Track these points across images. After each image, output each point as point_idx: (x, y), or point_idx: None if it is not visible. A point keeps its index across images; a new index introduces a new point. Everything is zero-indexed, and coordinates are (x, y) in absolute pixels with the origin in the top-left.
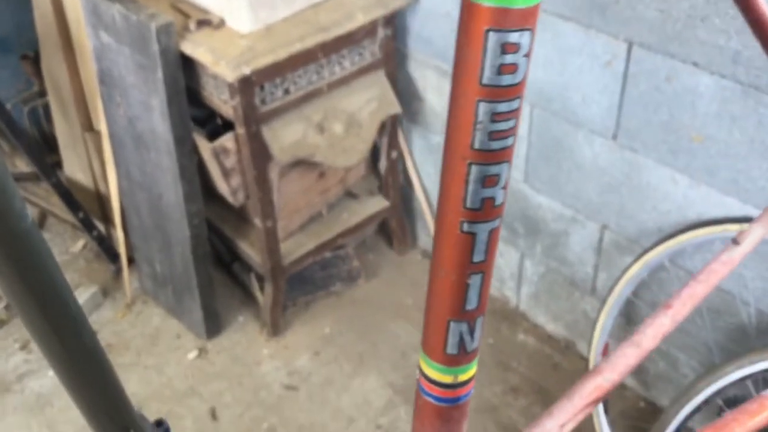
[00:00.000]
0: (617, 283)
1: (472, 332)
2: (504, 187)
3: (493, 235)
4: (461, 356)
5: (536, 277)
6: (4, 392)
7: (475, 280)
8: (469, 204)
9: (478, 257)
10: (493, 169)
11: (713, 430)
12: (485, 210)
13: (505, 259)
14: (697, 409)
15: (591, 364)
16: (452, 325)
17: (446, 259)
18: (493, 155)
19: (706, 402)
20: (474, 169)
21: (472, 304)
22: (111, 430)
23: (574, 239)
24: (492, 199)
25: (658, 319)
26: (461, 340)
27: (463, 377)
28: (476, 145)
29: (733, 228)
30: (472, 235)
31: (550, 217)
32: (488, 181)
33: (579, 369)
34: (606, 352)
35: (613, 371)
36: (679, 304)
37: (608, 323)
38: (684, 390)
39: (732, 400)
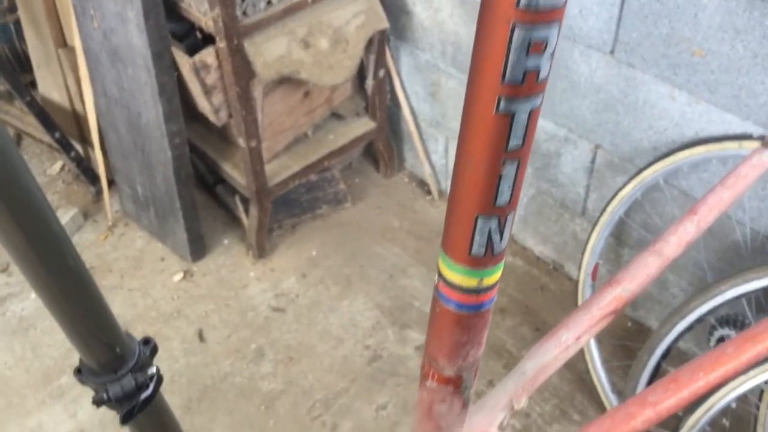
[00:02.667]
0: (610, 203)
1: (501, 230)
2: (551, 56)
3: (533, 115)
4: (488, 258)
5: (525, 199)
6: None
7: (509, 170)
8: (508, 77)
9: (514, 142)
10: (541, 33)
11: (744, 339)
12: (527, 84)
13: None
14: (689, 329)
15: (580, 285)
16: (480, 222)
17: (477, 146)
18: (542, 14)
19: (699, 321)
20: (518, 32)
21: (503, 198)
22: (96, 348)
23: (566, 160)
24: (536, 71)
25: (683, 226)
26: (489, 239)
27: (488, 281)
28: (522, 2)
29: (731, 146)
30: (509, 116)
31: (542, 137)
32: (534, 47)
33: (567, 290)
34: (596, 273)
35: (632, 281)
36: (704, 210)
37: (599, 244)
38: (676, 309)
39: (725, 319)
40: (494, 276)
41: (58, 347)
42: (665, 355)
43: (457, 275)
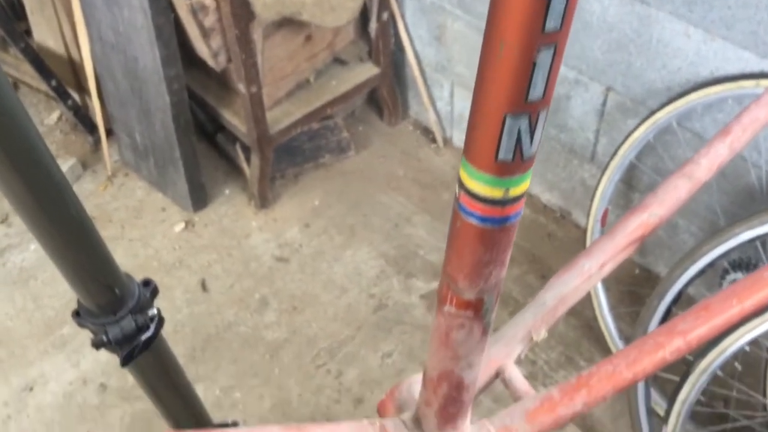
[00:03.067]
0: (621, 147)
1: (532, 131)
2: None
3: None
4: (516, 164)
5: None
6: None
7: (544, 58)
8: None
9: (552, 23)
10: None
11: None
12: None
13: None
14: (700, 273)
15: (588, 232)
16: (509, 121)
17: (509, 27)
18: None
19: (711, 265)
20: None
21: (536, 92)
22: (95, 290)
23: (576, 103)
24: None
25: (714, 148)
26: (518, 141)
27: (515, 191)
28: None
29: (748, 85)
30: None
31: None
32: None
33: (574, 238)
34: (605, 219)
35: (660, 206)
36: (738, 129)
37: (609, 189)
38: (688, 252)
39: (738, 262)
40: (522, 185)
41: (59, 297)
42: (676, 300)
43: (480, 185)
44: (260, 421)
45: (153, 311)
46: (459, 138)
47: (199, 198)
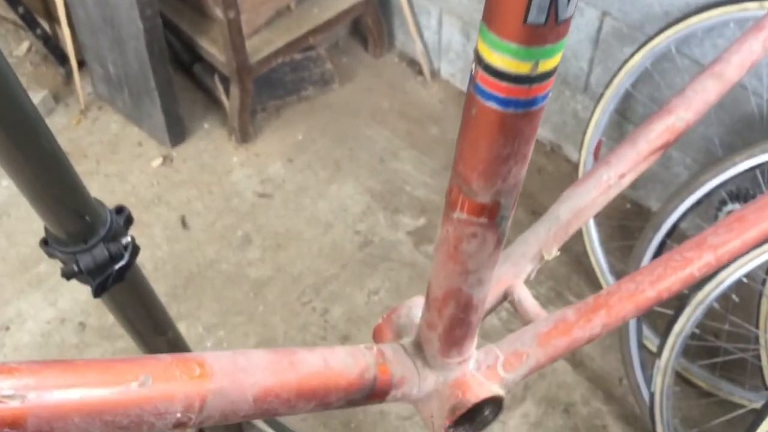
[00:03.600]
0: (616, 75)
1: None
2: None
3: None
4: (549, 28)
5: None
6: None
7: None
8: None
9: None
10: None
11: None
12: None
13: None
14: (697, 204)
15: (581, 165)
16: None
17: None
18: None
19: (708, 195)
20: None
21: None
22: (63, 216)
23: (570, 30)
24: None
25: (747, 44)
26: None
27: (545, 65)
28: None
29: (752, 6)
30: None
31: None
32: None
33: (565, 172)
34: (598, 151)
35: (688, 109)
36: None
37: (603, 120)
38: (685, 183)
39: (735, 193)
40: (553, 59)
41: (34, 234)
42: (670, 233)
43: (504, 57)
44: None
45: (127, 239)
46: (447, 70)
47: (177, 132)
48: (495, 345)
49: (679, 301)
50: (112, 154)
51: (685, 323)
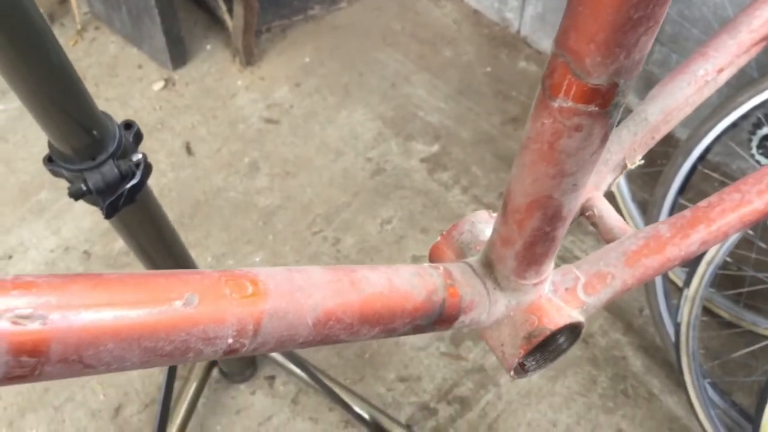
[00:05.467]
0: None
1: None
2: None
3: None
4: None
5: None
6: None
7: None
8: None
9: None
10: None
11: None
12: None
13: None
14: (732, 126)
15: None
16: None
17: None
18: None
19: (745, 117)
20: None
21: None
22: (70, 130)
23: None
24: None
25: None
26: None
27: None
28: None
29: None
30: None
31: None
32: None
33: None
34: None
35: None
36: None
37: None
38: (720, 105)
39: None
40: None
41: (33, 161)
42: (702, 157)
43: None
44: None
45: (138, 156)
46: None
47: (179, 54)
48: (573, 265)
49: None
50: (111, 77)
51: (717, 250)
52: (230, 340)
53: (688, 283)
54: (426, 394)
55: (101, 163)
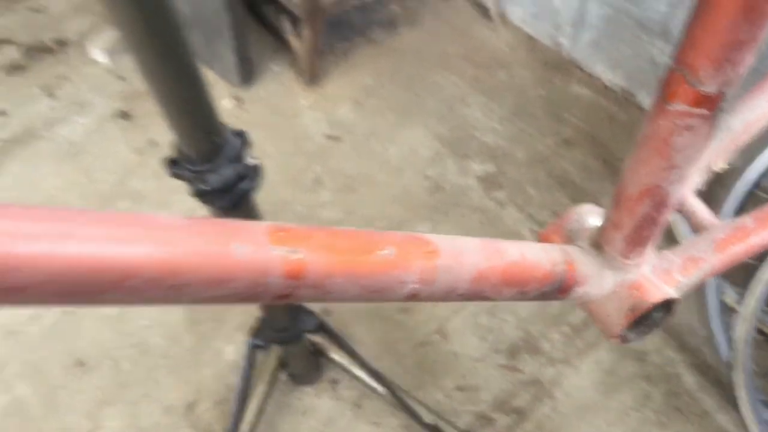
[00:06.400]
0: None
1: None
2: None
3: None
4: None
5: (599, 20)
6: (35, 139)
7: None
8: None
9: None
10: None
11: None
12: None
13: (564, 0)
14: None
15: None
16: None
17: None
18: None
19: None
20: None
21: None
22: (198, 137)
23: None
24: None
25: None
26: None
27: None
28: None
29: None
30: None
31: None
32: None
33: (637, 121)
34: None
35: None
36: None
37: None
38: None
39: None
40: None
41: (111, 172)
42: (757, 183)
43: None
44: None
45: (253, 160)
46: (516, 14)
47: (247, 73)
48: (670, 251)
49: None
50: None
51: None
52: (414, 285)
53: (743, 301)
54: (483, 404)
55: (220, 166)
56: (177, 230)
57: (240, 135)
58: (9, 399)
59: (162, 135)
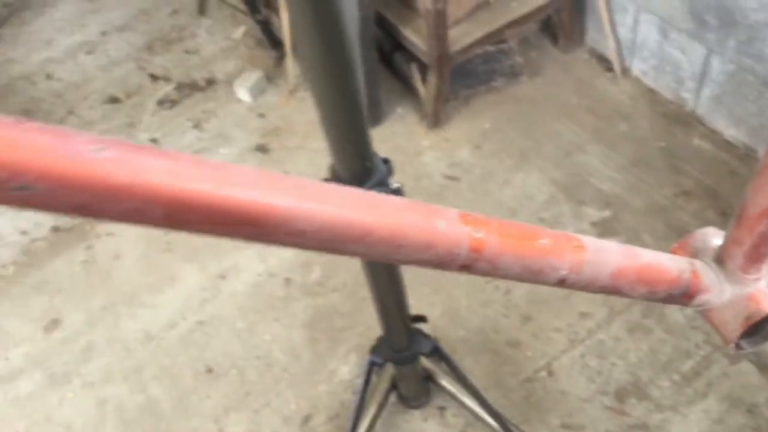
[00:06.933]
0: None
1: None
2: None
3: None
4: None
5: (723, 76)
6: None
7: None
8: None
9: None
10: None
11: None
12: None
13: (688, 56)
14: None
15: None
16: None
17: None
18: None
19: None
20: None
21: None
22: (354, 160)
23: None
24: None
25: None
26: None
27: None
28: None
29: None
30: None
31: (753, 5)
32: None
33: None
34: None
35: None
36: None
37: None
38: None
39: None
40: None
41: None
42: None
43: None
44: (432, 327)
45: (397, 185)
46: (638, 67)
47: (375, 115)
48: None
49: None
50: (317, 130)
51: None
52: (564, 272)
53: None
54: None
55: (370, 188)
56: (401, 207)
57: (386, 162)
58: (144, 399)
59: (294, 167)
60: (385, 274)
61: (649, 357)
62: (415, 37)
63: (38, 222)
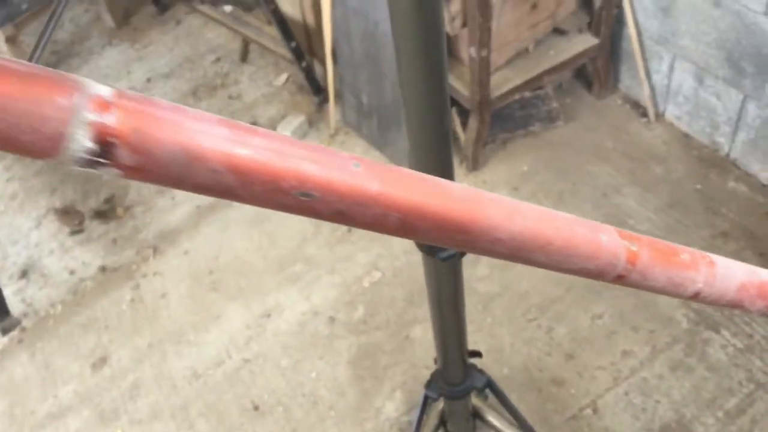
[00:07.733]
0: None
1: None
2: None
3: None
4: None
5: (758, 121)
6: (226, 207)
7: None
8: None
9: None
10: None
11: None
12: None
13: (723, 101)
14: None
15: None
16: None
17: None
18: None
19: None
20: None
21: None
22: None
23: None
24: None
25: None
26: None
27: None
28: None
29: None
30: None
31: None
32: None
33: None
34: None
35: None
36: None
37: None
38: None
39: None
40: None
41: (290, 239)
42: None
43: None
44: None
45: None
46: (672, 112)
47: None
48: None
49: None
50: None
51: None
52: (699, 285)
53: None
54: None
55: None
56: (572, 221)
57: None
58: None
59: None
60: (450, 308)
61: (693, 394)
62: (458, 83)
63: (86, 261)
